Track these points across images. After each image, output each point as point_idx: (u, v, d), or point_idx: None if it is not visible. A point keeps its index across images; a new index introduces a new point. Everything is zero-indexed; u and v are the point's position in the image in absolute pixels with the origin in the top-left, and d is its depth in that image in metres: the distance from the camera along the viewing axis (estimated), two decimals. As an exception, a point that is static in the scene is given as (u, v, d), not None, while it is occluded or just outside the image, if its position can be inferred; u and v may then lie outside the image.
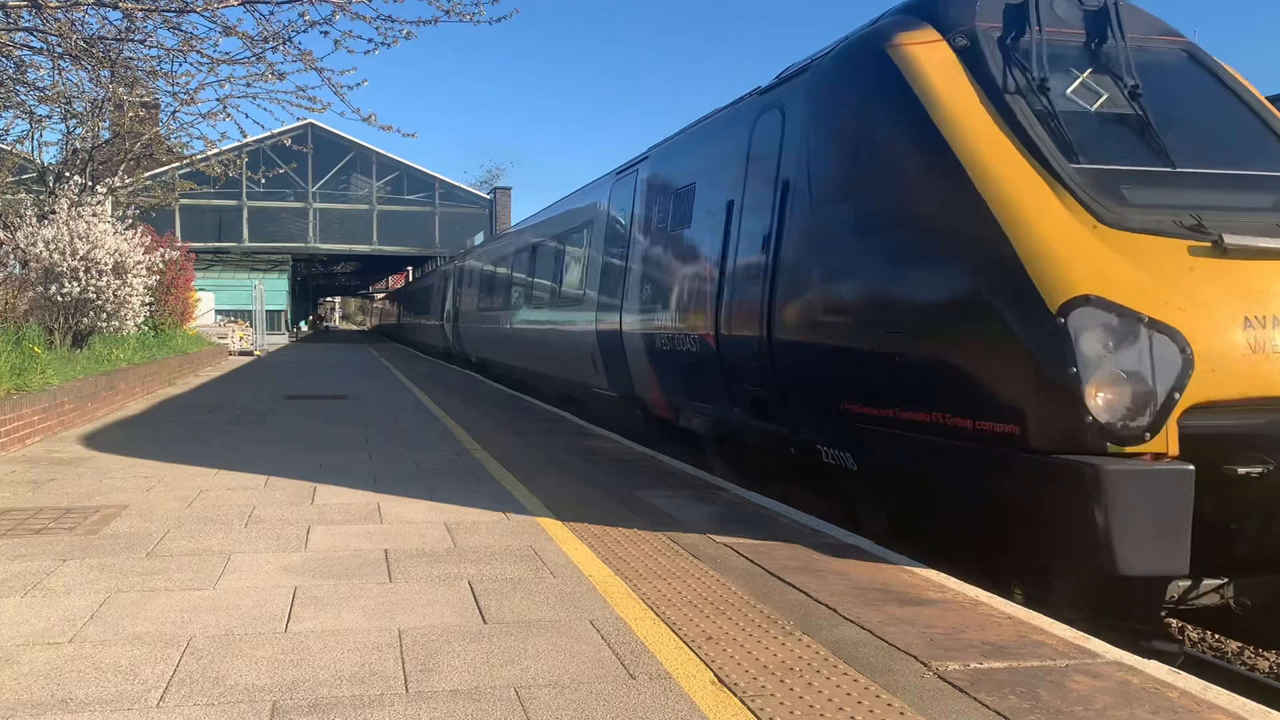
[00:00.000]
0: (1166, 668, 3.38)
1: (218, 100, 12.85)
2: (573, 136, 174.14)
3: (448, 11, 9.81)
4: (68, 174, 15.25)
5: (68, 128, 16.17)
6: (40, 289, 13.09)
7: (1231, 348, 4.35)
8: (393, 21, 9.84)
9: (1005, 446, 4.54)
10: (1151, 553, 4.04)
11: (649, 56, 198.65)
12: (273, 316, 42.02)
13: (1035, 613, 4.03)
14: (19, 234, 13.19)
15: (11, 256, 13.47)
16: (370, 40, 9.96)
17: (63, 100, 13.50)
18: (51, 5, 9.18)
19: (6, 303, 13.12)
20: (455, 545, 5.08)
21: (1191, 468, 4.13)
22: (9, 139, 15.65)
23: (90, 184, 15.39)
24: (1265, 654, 6.16)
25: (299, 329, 56.03)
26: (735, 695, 3.08)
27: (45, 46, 10.81)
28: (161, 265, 16.24)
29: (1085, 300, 4.34)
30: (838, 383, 5.86)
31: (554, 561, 4.75)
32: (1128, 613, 4.39)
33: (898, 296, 5.40)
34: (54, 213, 13.80)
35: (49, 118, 14.96)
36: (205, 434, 9.64)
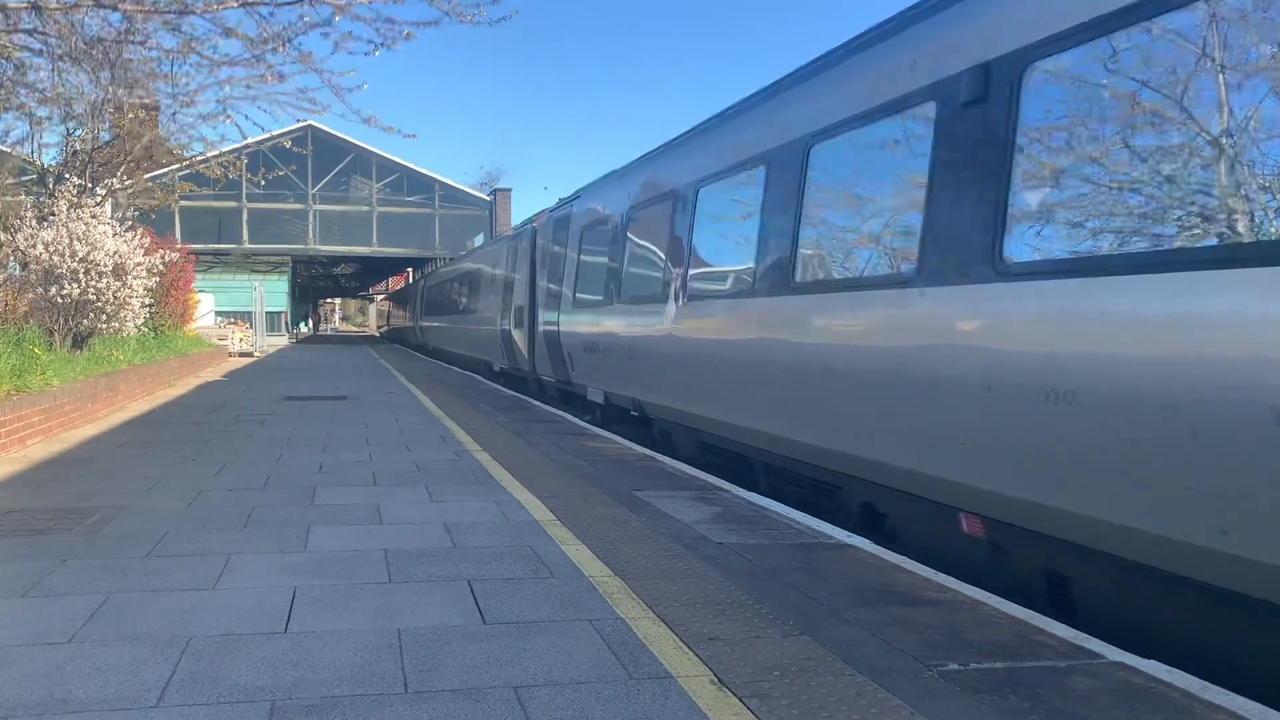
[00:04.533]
0: (1166, 668, 3.37)
1: (218, 102, 12.93)
2: (574, 137, 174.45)
3: (447, 13, 9.84)
4: (67, 175, 15.26)
5: (68, 129, 16.19)
6: (40, 290, 13.10)
7: None
8: (392, 23, 9.89)
9: None
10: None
11: (651, 56, 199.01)
12: (272, 318, 42.05)
13: (1035, 613, 4.03)
14: (19, 236, 13.20)
15: (11, 258, 13.47)
16: (370, 42, 10.01)
17: (63, 102, 13.52)
18: (51, 7, 9.18)
19: (7, 304, 13.12)
20: (455, 545, 5.08)
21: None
22: (9, 141, 15.68)
23: (89, 185, 15.40)
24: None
25: (299, 330, 56.05)
26: (735, 695, 3.08)
27: (45, 48, 10.83)
28: (161, 267, 16.23)
29: None
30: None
31: (553, 562, 4.75)
32: None
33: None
34: (54, 214, 13.81)
35: (49, 119, 15.00)
36: (205, 435, 9.64)
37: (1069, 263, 4.10)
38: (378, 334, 74.23)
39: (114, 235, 14.09)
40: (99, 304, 13.52)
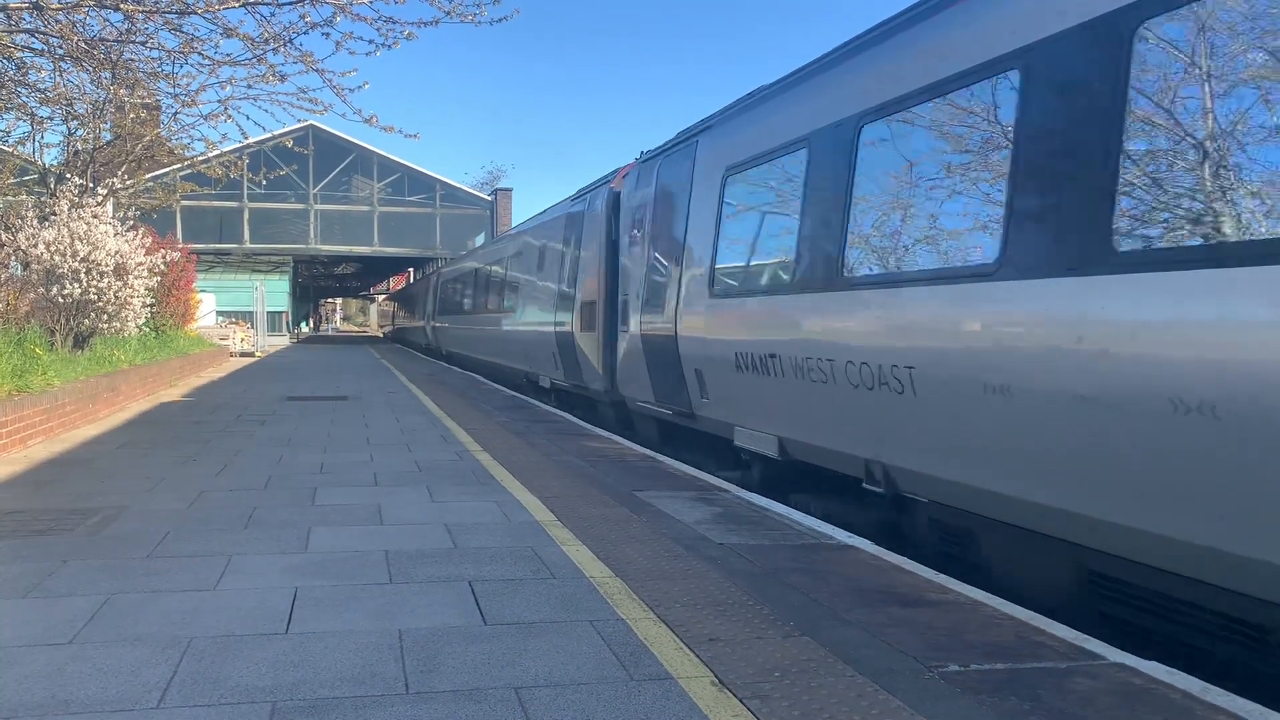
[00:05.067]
0: (1166, 669, 3.37)
1: (219, 102, 12.92)
2: (576, 137, 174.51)
3: (449, 13, 9.84)
4: (68, 175, 15.27)
5: (69, 129, 16.19)
6: (41, 290, 13.10)
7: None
8: (393, 23, 9.87)
9: None
10: None
11: (651, 57, 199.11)
12: (274, 318, 42.08)
13: (1036, 614, 4.03)
14: (20, 235, 13.20)
15: (13, 258, 13.48)
16: (371, 41, 10.00)
17: (64, 102, 13.51)
18: (53, 7, 9.19)
19: (8, 304, 13.13)
20: (456, 546, 5.08)
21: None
22: (10, 140, 15.68)
23: (91, 185, 15.41)
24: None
25: (300, 330, 56.06)
26: (736, 696, 3.08)
27: (47, 48, 10.83)
28: (163, 267, 16.23)
29: None
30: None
31: (554, 563, 4.75)
32: None
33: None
34: (55, 214, 13.81)
35: (50, 119, 14.99)
36: (206, 435, 9.64)
37: (881, 277, 5.54)
38: (381, 335, 68.85)
39: (115, 235, 14.10)
40: (100, 304, 13.53)
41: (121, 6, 9.22)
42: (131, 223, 16.26)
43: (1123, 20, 4.00)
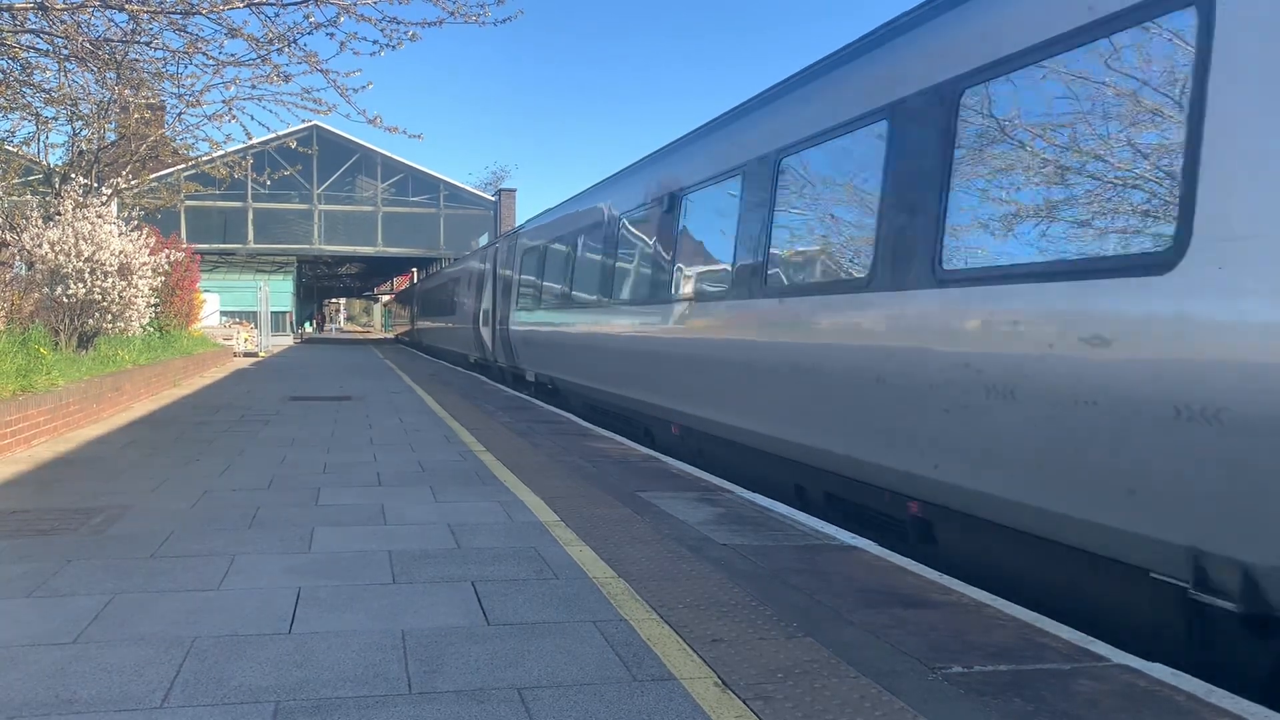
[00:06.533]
0: (1171, 670, 3.37)
1: (223, 102, 12.93)
2: (579, 137, 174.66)
3: (452, 13, 9.84)
4: (73, 175, 15.30)
5: (74, 129, 16.22)
6: (46, 290, 13.12)
7: None
8: (397, 23, 9.87)
9: None
10: None
11: (658, 58, 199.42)
12: (277, 318, 42.13)
13: (1039, 615, 4.02)
14: (25, 235, 13.22)
15: (17, 258, 13.51)
16: (375, 42, 9.99)
17: (69, 102, 13.53)
18: (58, 8, 9.21)
19: (12, 304, 13.16)
20: (459, 546, 5.08)
21: None
22: (15, 140, 15.71)
23: (95, 185, 15.43)
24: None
25: (303, 330, 56.03)
26: (739, 698, 3.08)
27: (52, 48, 10.85)
28: (167, 267, 16.24)
29: None
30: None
31: (557, 563, 4.75)
32: None
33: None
34: (59, 214, 13.83)
35: (55, 119, 15.02)
36: (210, 435, 9.66)
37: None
38: (393, 338, 59.34)
39: (120, 235, 14.12)
40: (104, 304, 13.54)
41: (126, 7, 9.24)
42: (136, 223, 16.29)
43: None
